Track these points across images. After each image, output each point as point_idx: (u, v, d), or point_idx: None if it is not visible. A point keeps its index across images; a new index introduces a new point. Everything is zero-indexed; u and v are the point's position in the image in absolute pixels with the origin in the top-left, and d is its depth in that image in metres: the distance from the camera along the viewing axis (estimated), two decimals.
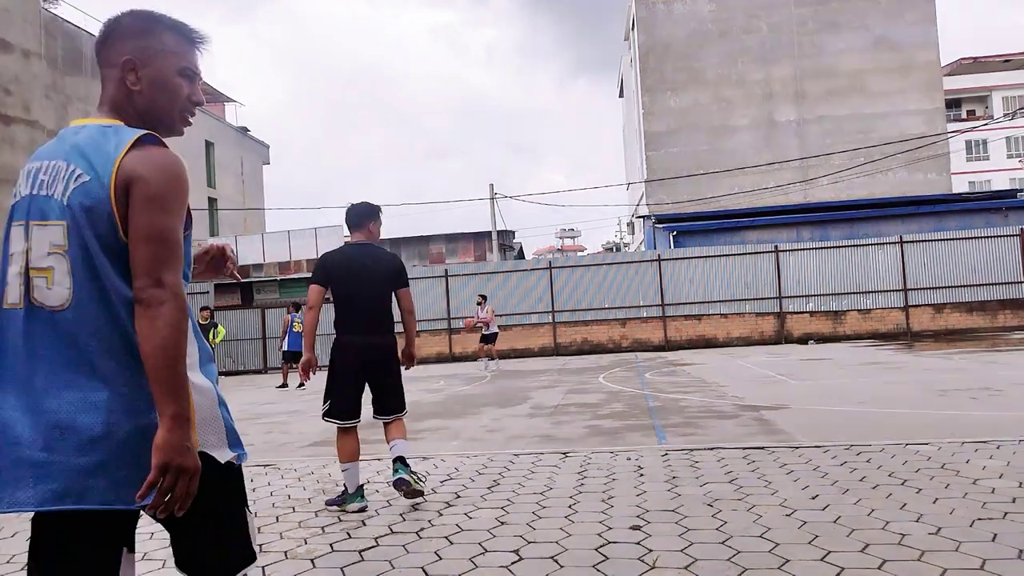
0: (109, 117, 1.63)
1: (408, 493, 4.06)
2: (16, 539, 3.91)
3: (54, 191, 1.50)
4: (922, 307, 19.10)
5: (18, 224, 1.53)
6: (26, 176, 1.57)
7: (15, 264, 1.51)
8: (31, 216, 1.51)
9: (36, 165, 1.57)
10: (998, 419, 5.98)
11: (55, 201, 1.49)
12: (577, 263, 21.87)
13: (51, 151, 1.58)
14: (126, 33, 1.62)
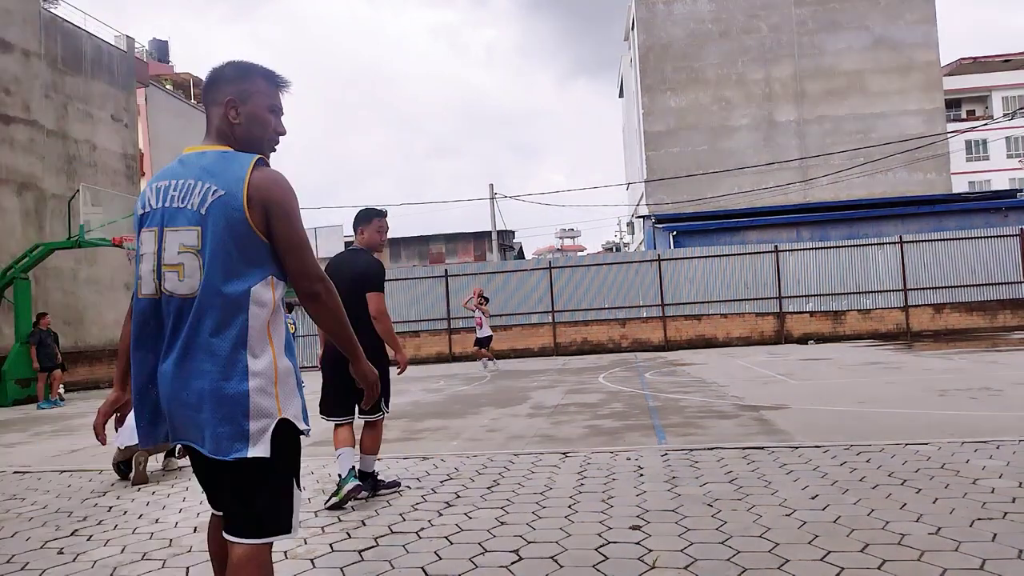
0: (218, 144, 2.02)
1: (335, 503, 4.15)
2: (16, 539, 3.91)
3: (189, 203, 1.90)
4: (922, 307, 19.11)
5: (149, 230, 1.95)
6: (155, 192, 1.98)
7: (147, 263, 1.94)
8: (165, 223, 1.92)
9: (165, 183, 1.97)
10: (998, 419, 5.98)
11: (190, 211, 1.89)
12: (577, 263, 21.87)
13: (177, 172, 1.98)
14: (228, 79, 2.04)
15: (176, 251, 1.89)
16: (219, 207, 1.87)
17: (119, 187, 20.57)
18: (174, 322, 1.89)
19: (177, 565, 3.27)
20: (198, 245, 1.88)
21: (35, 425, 10.34)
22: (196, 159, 1.98)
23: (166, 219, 1.92)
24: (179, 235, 1.90)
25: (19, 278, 15.58)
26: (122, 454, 5.40)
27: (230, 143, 2.03)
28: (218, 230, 1.86)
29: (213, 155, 1.97)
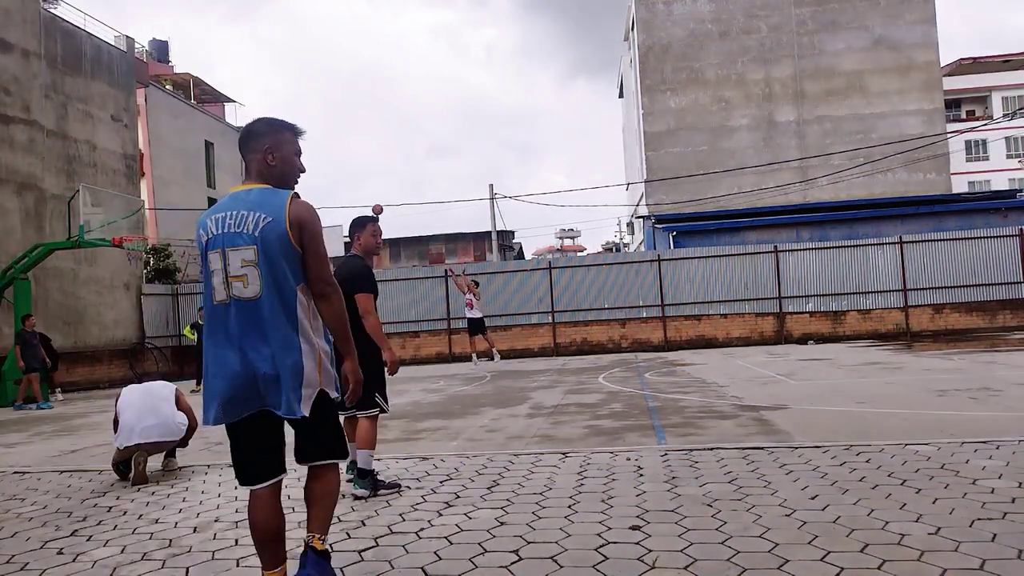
0: (259, 183, 2.70)
1: None
2: (16, 539, 3.91)
3: (244, 228, 2.56)
4: (922, 307, 19.11)
5: (214, 252, 2.60)
6: (214, 222, 2.62)
7: (217, 276, 2.59)
8: (226, 245, 2.57)
9: (221, 215, 2.62)
10: (998, 419, 5.98)
11: (246, 235, 2.56)
12: (577, 263, 21.87)
13: (230, 205, 2.64)
14: (263, 132, 2.73)
15: (239, 265, 2.56)
16: (269, 229, 2.56)
17: (119, 187, 20.57)
18: (244, 319, 2.55)
19: (177, 565, 3.27)
20: (255, 259, 2.56)
21: (35, 425, 10.34)
22: (244, 195, 2.66)
23: (227, 242, 2.58)
24: (239, 253, 2.57)
25: (19, 278, 15.58)
26: (121, 454, 5.39)
27: (268, 181, 2.71)
28: (271, 246, 2.55)
29: (258, 191, 2.66)
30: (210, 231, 2.62)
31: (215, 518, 4.09)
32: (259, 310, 2.54)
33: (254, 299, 2.55)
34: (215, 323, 2.60)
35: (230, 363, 2.54)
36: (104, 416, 10.42)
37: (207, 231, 2.63)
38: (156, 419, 5.38)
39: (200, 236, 2.66)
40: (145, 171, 27.03)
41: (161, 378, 6.05)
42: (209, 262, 2.62)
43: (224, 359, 2.56)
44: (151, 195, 27.13)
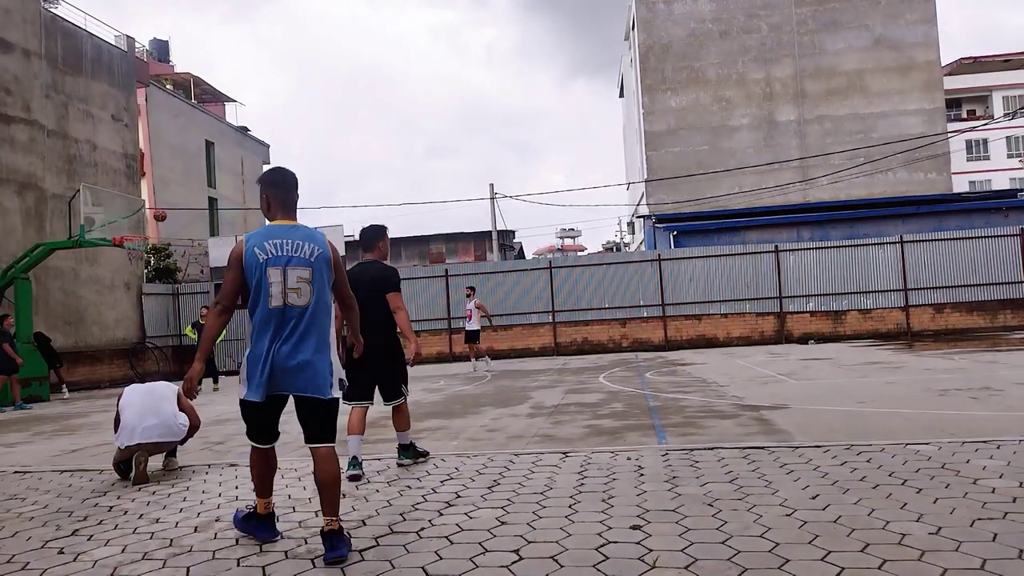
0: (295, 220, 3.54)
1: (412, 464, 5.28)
2: (16, 539, 3.91)
3: (302, 253, 3.37)
4: (922, 307, 19.10)
5: (275, 267, 3.32)
6: (274, 246, 3.36)
7: (276, 286, 3.31)
8: (288, 264, 3.33)
9: (279, 241, 3.37)
10: (998, 419, 5.98)
11: (303, 258, 3.36)
12: (577, 263, 21.87)
13: (287, 234, 3.41)
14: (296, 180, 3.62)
15: (295, 281, 3.34)
16: (321, 258, 3.42)
17: (119, 187, 20.57)
18: (294, 322, 3.32)
19: (178, 565, 3.27)
20: (309, 278, 3.37)
21: (35, 425, 10.35)
22: (294, 229, 3.46)
23: (287, 261, 3.35)
24: (297, 271, 3.35)
25: (20, 278, 15.57)
26: (122, 454, 5.39)
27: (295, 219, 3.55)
28: (320, 270, 3.41)
29: (304, 227, 3.50)
30: (268, 252, 3.35)
31: (216, 518, 4.10)
32: (307, 316, 3.34)
33: (304, 307, 3.34)
34: (264, 323, 3.32)
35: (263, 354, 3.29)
36: (104, 416, 10.42)
37: (264, 252, 3.35)
38: (157, 419, 5.38)
39: (259, 255, 3.34)
40: (145, 171, 27.03)
41: (163, 378, 6.05)
42: (268, 275, 3.32)
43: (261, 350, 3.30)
44: (151, 195, 27.13)
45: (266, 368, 3.25)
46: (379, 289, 5.16)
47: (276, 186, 3.50)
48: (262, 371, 3.26)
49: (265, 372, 3.25)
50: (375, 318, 5.11)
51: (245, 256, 3.35)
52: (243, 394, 3.36)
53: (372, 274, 5.16)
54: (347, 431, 5.00)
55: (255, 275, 3.33)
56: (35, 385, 15.05)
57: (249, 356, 3.34)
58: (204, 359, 3.52)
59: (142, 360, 20.78)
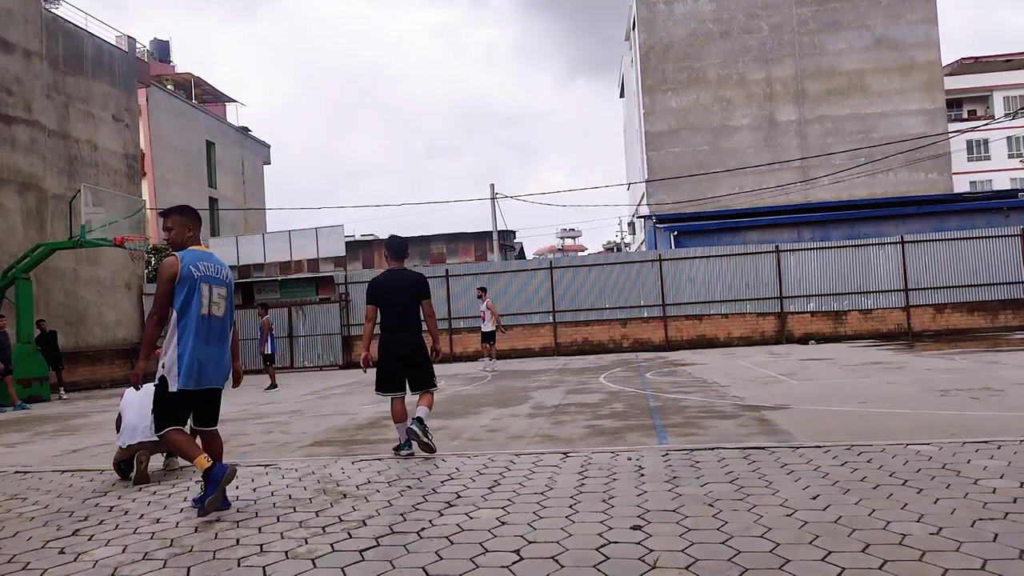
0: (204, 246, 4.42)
1: (420, 445, 5.58)
2: (17, 539, 3.91)
3: (220, 275, 4.34)
4: (923, 307, 19.09)
5: (205, 284, 4.20)
6: (203, 266, 4.22)
7: (205, 299, 4.18)
8: (212, 283, 4.25)
9: (206, 263, 4.26)
10: (999, 419, 5.98)
11: (222, 279, 4.33)
12: (578, 263, 21.87)
13: (209, 258, 4.32)
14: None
15: (216, 296, 4.27)
16: (231, 282, 4.46)
17: (120, 187, 20.59)
18: (215, 329, 4.26)
19: (178, 565, 3.27)
20: (225, 295, 4.36)
21: (36, 425, 10.35)
22: (211, 255, 4.40)
23: (212, 280, 4.26)
24: (218, 289, 4.30)
25: (20, 278, 15.58)
26: (123, 453, 5.40)
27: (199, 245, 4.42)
28: (231, 289, 4.43)
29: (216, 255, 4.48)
30: (199, 269, 4.19)
31: (216, 517, 4.10)
32: (224, 325, 4.34)
33: (222, 317, 4.31)
34: (198, 328, 4.14)
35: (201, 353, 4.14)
36: (105, 416, 10.43)
37: (197, 269, 4.18)
38: None
39: (193, 272, 4.14)
40: (146, 171, 27.04)
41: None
42: (199, 289, 4.15)
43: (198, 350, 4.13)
44: (152, 195, 27.15)
45: (202, 365, 4.11)
46: (411, 294, 5.79)
47: (197, 218, 4.44)
48: (199, 368, 4.10)
49: (200, 368, 4.11)
50: (407, 320, 5.77)
51: (182, 272, 4.11)
52: (176, 386, 4.07)
53: (405, 281, 5.81)
54: (393, 419, 5.79)
55: (187, 287, 4.11)
56: (35, 385, 15.06)
57: (181, 354, 4.08)
58: (147, 360, 4.27)
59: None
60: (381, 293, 5.80)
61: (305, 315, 21.82)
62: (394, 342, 5.72)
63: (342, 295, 21.70)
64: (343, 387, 13.96)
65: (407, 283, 5.80)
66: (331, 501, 4.34)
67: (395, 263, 5.96)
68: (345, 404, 10.57)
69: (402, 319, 5.74)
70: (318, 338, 21.75)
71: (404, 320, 5.75)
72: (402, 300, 5.75)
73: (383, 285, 5.82)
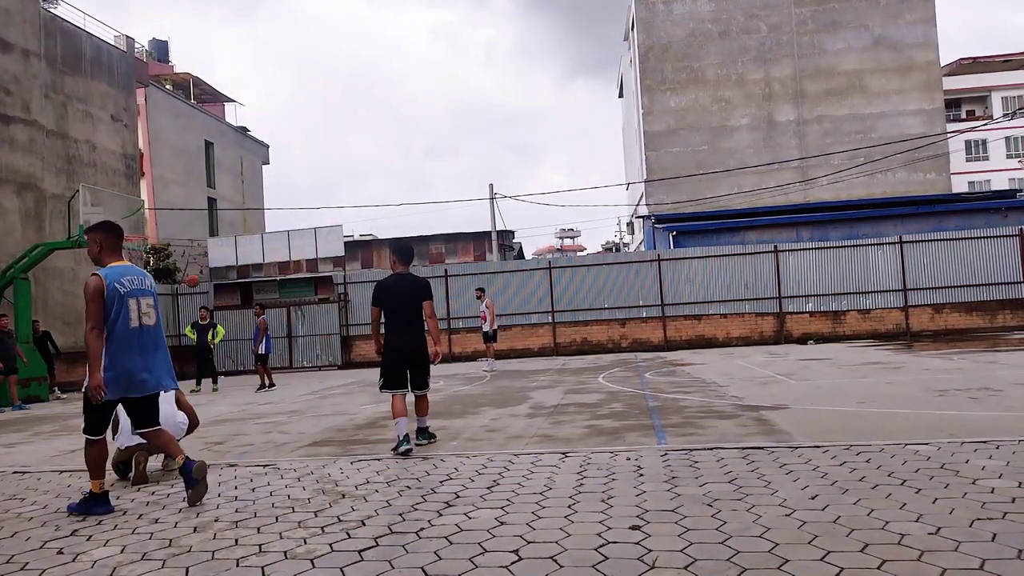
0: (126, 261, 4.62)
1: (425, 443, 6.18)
2: (15, 539, 3.91)
3: (145, 286, 4.54)
4: (922, 307, 19.11)
5: (132, 297, 4.42)
6: (127, 281, 4.43)
7: (134, 311, 4.41)
8: (138, 295, 4.47)
9: (130, 276, 4.48)
10: (998, 419, 5.98)
11: (147, 289, 4.54)
12: (577, 263, 21.87)
13: (129, 272, 4.51)
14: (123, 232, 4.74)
15: (145, 307, 4.49)
16: (154, 287, 4.65)
17: (119, 187, 20.57)
18: (151, 338, 4.50)
19: (177, 565, 3.27)
20: (153, 304, 4.57)
21: (35, 425, 10.34)
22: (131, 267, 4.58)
23: (137, 293, 4.47)
24: (145, 299, 4.51)
25: (19, 278, 15.56)
26: (122, 454, 5.40)
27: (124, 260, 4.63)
28: (156, 298, 4.63)
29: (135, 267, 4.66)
30: (124, 284, 4.40)
31: (215, 518, 4.10)
32: (156, 333, 4.55)
33: (153, 327, 4.53)
34: (127, 339, 4.35)
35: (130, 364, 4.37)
36: None
37: (122, 285, 4.39)
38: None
39: (118, 288, 4.35)
40: (145, 171, 27.01)
41: None
42: (127, 303, 4.37)
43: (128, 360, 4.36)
44: (151, 195, 27.12)
45: (134, 375, 4.35)
46: (415, 297, 6.16)
47: (111, 234, 4.53)
48: (128, 379, 4.34)
49: (129, 379, 4.34)
50: (410, 321, 6.13)
51: (107, 290, 4.31)
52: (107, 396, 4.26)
53: (409, 284, 6.19)
54: (393, 415, 6.02)
55: (115, 304, 4.33)
56: (33, 385, 15.04)
57: (107, 366, 4.27)
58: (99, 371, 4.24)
59: None
60: (386, 296, 6.17)
61: (304, 315, 21.81)
62: (398, 344, 6.08)
63: (341, 295, 21.69)
64: (342, 387, 13.96)
65: (412, 287, 6.16)
66: (330, 501, 4.34)
67: (402, 267, 6.33)
68: (344, 404, 10.57)
69: (406, 321, 6.11)
70: (317, 338, 21.74)
71: (408, 322, 6.12)
72: (406, 303, 6.12)
73: (388, 288, 6.18)
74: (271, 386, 14.58)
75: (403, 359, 6.09)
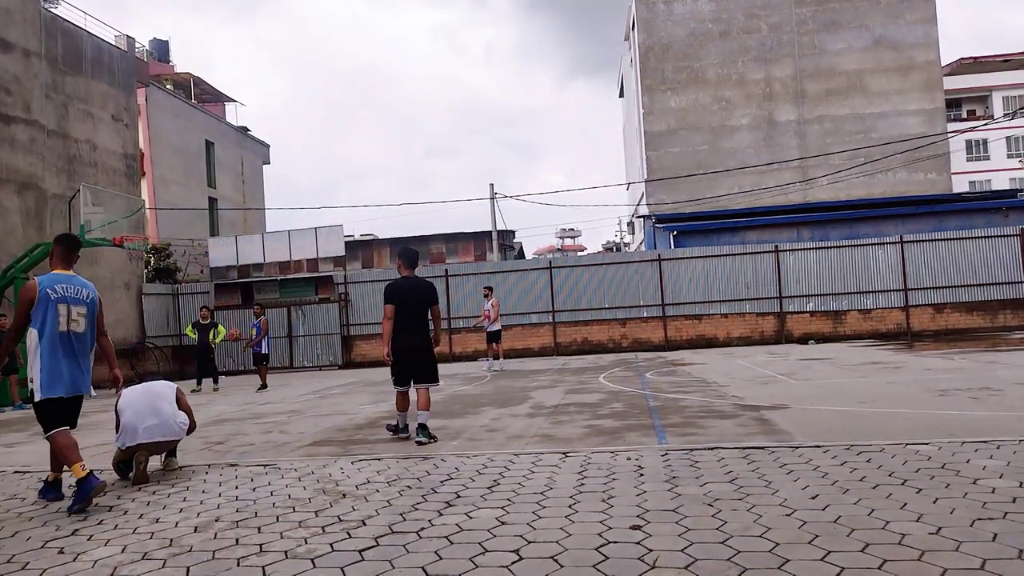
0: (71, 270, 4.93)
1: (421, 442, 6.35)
2: (16, 539, 3.91)
3: (80, 295, 4.81)
4: (922, 307, 19.10)
5: (63, 304, 4.69)
6: (60, 288, 4.71)
7: (63, 317, 4.68)
8: (70, 303, 4.73)
9: (65, 284, 4.76)
10: (998, 419, 5.98)
11: (81, 299, 4.81)
12: (577, 263, 21.87)
13: (69, 280, 4.81)
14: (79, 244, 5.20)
15: (76, 314, 4.74)
16: (93, 300, 4.88)
17: (119, 187, 20.57)
18: (76, 343, 4.73)
19: (177, 565, 3.27)
20: (86, 314, 4.81)
21: (35, 425, 10.32)
22: (74, 277, 4.86)
23: (70, 300, 4.73)
24: (77, 307, 4.76)
25: (19, 278, 15.56)
26: (122, 454, 5.40)
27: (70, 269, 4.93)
28: (93, 309, 4.87)
29: (80, 277, 4.91)
30: (56, 291, 4.67)
31: (216, 517, 4.10)
32: (85, 340, 4.81)
33: (83, 333, 4.78)
34: (58, 343, 4.63)
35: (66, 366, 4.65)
36: (104, 416, 10.41)
37: (54, 291, 4.66)
38: (158, 419, 5.39)
39: (50, 294, 4.63)
40: (145, 171, 27.01)
41: (164, 378, 6.06)
42: (57, 309, 4.64)
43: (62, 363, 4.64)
44: (152, 195, 27.12)
45: (67, 374, 4.63)
46: (424, 300, 6.65)
47: (61, 246, 4.92)
48: (62, 377, 4.63)
49: (66, 377, 4.64)
50: (418, 322, 6.62)
51: (39, 294, 4.61)
52: (42, 395, 4.56)
53: (419, 288, 6.67)
54: (396, 408, 6.79)
55: (44, 308, 4.60)
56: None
57: (44, 367, 4.57)
58: None
59: (142, 360, 20.78)
60: (398, 296, 6.62)
61: (304, 315, 21.81)
62: (406, 343, 6.56)
63: (341, 295, 21.69)
64: (342, 387, 13.96)
65: (421, 290, 6.67)
66: (330, 501, 4.34)
67: (408, 271, 6.77)
68: (344, 404, 10.57)
69: (414, 322, 6.60)
70: (317, 338, 21.74)
71: (416, 323, 6.62)
72: (416, 306, 6.61)
73: (400, 290, 6.64)
74: (263, 387, 14.60)
75: (411, 357, 6.57)
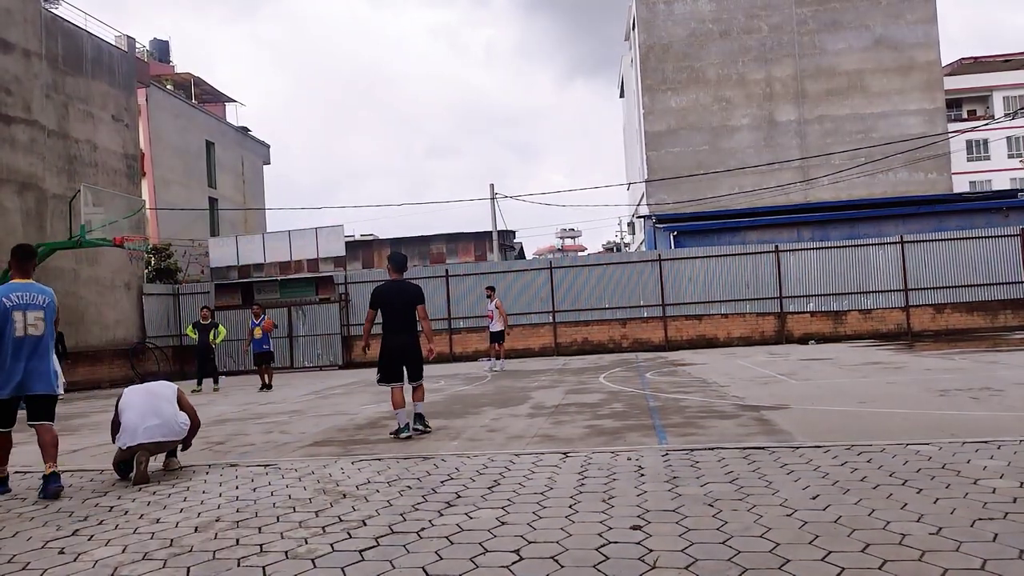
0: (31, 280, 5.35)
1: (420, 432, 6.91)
2: (17, 539, 3.91)
3: (35, 301, 5.21)
4: (923, 307, 19.10)
5: (18, 311, 5.10)
6: (16, 296, 5.12)
7: (19, 323, 5.08)
8: (26, 309, 5.13)
9: (21, 292, 5.17)
10: (999, 419, 5.98)
11: (38, 304, 5.22)
12: (578, 263, 21.87)
13: (25, 288, 5.22)
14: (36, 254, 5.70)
15: (34, 319, 5.11)
16: (50, 304, 5.28)
17: (120, 187, 20.57)
18: (33, 347, 5.09)
19: (178, 565, 3.27)
20: (43, 317, 5.18)
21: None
22: (30, 285, 5.23)
23: (26, 307, 5.09)
24: (33, 313, 5.12)
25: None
26: (123, 454, 5.40)
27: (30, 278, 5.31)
28: (50, 314, 5.25)
29: (38, 284, 5.29)
30: (12, 300, 5.04)
31: (216, 518, 4.10)
32: (42, 343, 5.14)
33: (40, 336, 5.13)
34: (16, 347, 5.01)
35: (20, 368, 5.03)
36: (104, 416, 10.41)
37: (11, 299, 5.03)
38: (158, 419, 5.39)
39: (6, 303, 5.00)
40: (146, 171, 27.02)
41: (164, 378, 6.06)
42: (13, 317, 5.01)
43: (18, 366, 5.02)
44: (152, 195, 27.13)
45: (17, 377, 5.00)
46: (410, 302, 6.99)
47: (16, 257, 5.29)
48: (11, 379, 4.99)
49: (16, 380, 5.00)
50: (406, 323, 6.98)
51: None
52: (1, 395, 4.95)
53: (404, 290, 7.03)
54: (393, 406, 6.95)
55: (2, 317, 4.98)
56: None
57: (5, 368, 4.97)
58: None
59: (142, 360, 20.78)
60: (383, 300, 7.01)
61: (305, 315, 21.82)
62: (393, 343, 6.96)
63: (342, 295, 21.70)
64: (343, 387, 13.96)
65: (406, 293, 7.04)
66: (331, 501, 4.34)
67: (396, 275, 7.14)
68: (345, 404, 10.57)
69: (401, 323, 6.97)
70: (318, 338, 21.75)
71: (403, 324, 6.98)
72: (401, 308, 6.97)
73: (385, 294, 7.02)
74: (264, 387, 14.59)
75: (399, 356, 6.96)
